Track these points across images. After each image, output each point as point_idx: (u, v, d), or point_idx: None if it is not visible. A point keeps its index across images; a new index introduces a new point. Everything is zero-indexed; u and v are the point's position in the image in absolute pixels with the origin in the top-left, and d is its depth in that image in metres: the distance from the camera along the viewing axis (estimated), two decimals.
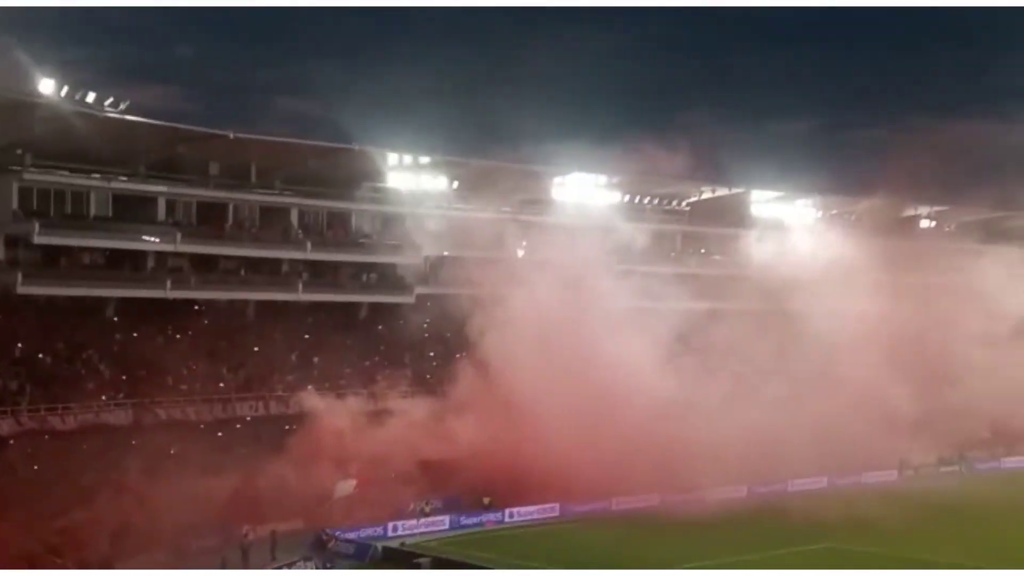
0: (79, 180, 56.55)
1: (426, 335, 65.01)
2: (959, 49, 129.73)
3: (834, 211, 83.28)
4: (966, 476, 68.92)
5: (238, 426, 54.49)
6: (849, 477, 61.96)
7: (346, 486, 49.15)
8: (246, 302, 61.41)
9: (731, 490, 55.20)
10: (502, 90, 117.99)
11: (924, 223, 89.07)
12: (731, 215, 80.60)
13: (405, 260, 65.90)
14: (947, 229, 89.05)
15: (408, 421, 54.20)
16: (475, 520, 51.73)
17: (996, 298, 67.74)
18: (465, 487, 52.46)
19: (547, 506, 53.44)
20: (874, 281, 64.89)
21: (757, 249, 73.45)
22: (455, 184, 68.57)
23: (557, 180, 71.15)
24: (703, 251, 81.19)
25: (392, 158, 65.26)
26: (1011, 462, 73.44)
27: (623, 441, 49.92)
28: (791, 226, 78.78)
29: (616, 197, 73.95)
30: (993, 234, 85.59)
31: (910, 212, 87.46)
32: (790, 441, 54.71)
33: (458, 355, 59.54)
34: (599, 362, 54.14)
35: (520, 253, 67.37)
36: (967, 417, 64.23)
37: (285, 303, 62.26)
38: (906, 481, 65.34)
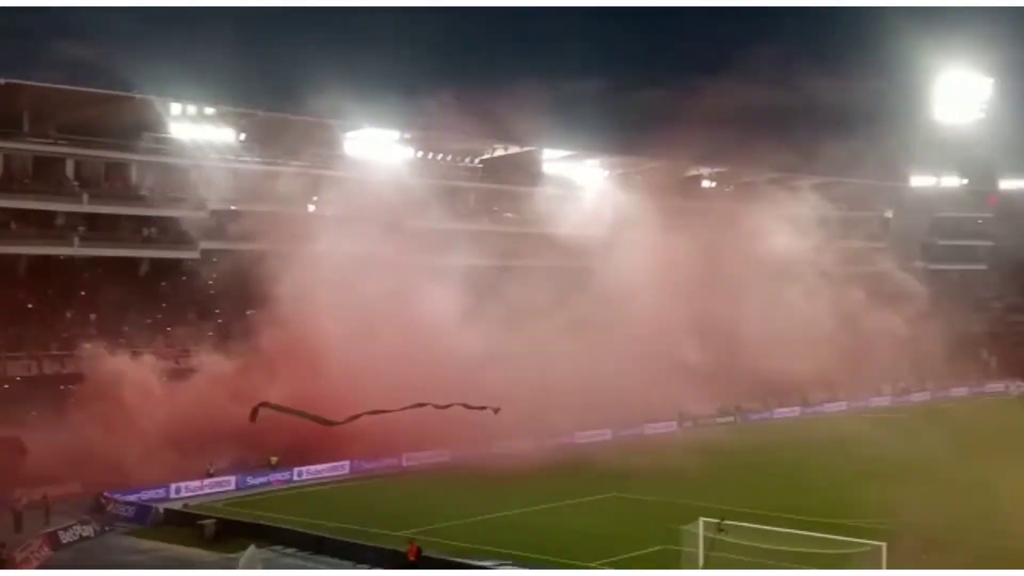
0: None
1: (212, 291, 63.27)
2: (739, 15, 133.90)
3: (620, 171, 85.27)
4: (741, 426, 72.38)
5: (7, 386, 51.83)
6: (632, 429, 63.97)
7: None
8: (18, 256, 58.39)
9: (520, 443, 55.91)
10: (293, 41, 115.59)
11: (706, 183, 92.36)
12: (523, 173, 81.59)
13: (189, 214, 63.88)
14: (728, 189, 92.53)
15: (193, 379, 52.65)
16: (262, 480, 50.84)
17: (774, 256, 70.81)
18: (254, 446, 51.32)
19: (337, 464, 53.01)
20: (659, 240, 66.76)
21: (548, 207, 74.54)
22: (242, 136, 66.76)
23: (349, 135, 70.27)
24: (496, 208, 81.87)
25: (175, 107, 62.99)
26: (781, 413, 77.64)
27: (417, 397, 49.77)
28: (580, 184, 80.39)
29: (409, 153, 73.62)
30: (771, 195, 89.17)
31: (692, 172, 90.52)
32: (579, 394, 55.82)
33: (247, 312, 58.21)
34: (393, 319, 53.87)
35: (311, 208, 66.33)
36: (743, 371, 67.05)
37: (60, 258, 59.48)
38: (685, 432, 68.04)
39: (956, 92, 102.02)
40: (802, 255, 69.74)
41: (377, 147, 70.55)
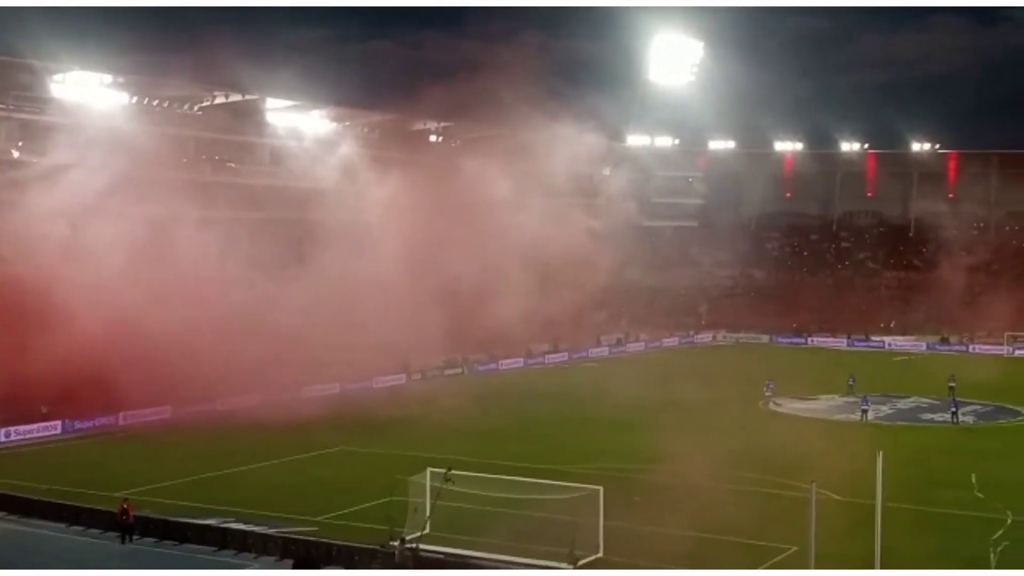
0: None
1: None
2: None
3: (347, 123, 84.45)
4: (468, 377, 73.69)
5: None
6: (361, 382, 63.83)
7: None
8: None
9: (245, 399, 54.82)
10: None
11: (433, 138, 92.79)
12: (245, 123, 79.37)
13: None
14: (454, 144, 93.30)
15: None
16: None
17: (499, 212, 71.72)
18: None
19: (48, 424, 50.35)
20: (388, 193, 66.63)
21: (273, 158, 73.06)
22: None
23: (57, 77, 66.11)
24: (218, 158, 79.45)
25: None
26: (507, 364, 79.50)
27: (138, 351, 47.80)
28: (306, 135, 79.05)
29: (123, 98, 70.06)
30: (496, 151, 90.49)
31: (419, 126, 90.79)
32: (306, 348, 55.13)
33: None
34: (107, 272, 51.43)
35: (16, 154, 62.27)
36: (470, 323, 67.92)
37: None
38: (414, 384, 68.61)
39: (669, 55, 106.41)
40: (521, 209, 71.07)
41: (88, 91, 66.70)
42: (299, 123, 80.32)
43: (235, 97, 78.14)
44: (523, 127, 72.77)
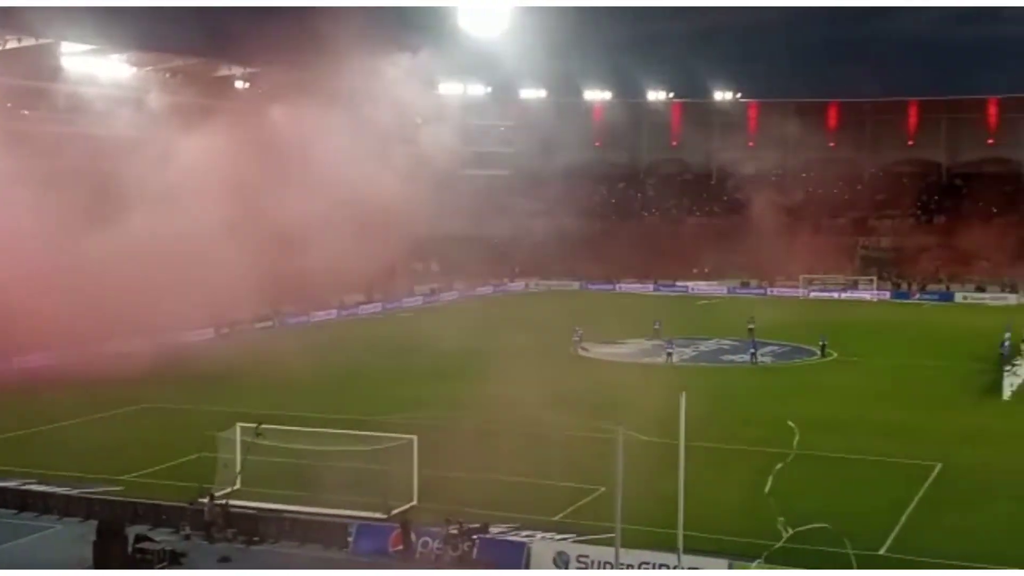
0: None
1: None
2: None
3: (149, 67, 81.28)
4: (279, 330, 72.61)
5: None
6: (167, 336, 61.87)
7: None
8: None
9: (44, 356, 52.62)
10: None
11: (239, 84, 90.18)
12: (40, 67, 75.42)
13: None
14: (261, 90, 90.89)
15: None
16: None
17: (311, 160, 70.26)
18: None
19: None
20: (195, 140, 64.43)
21: (69, 104, 69.74)
22: None
23: None
24: (10, 105, 75.48)
25: None
26: (319, 316, 78.65)
27: None
28: (105, 81, 75.74)
29: None
30: (306, 98, 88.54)
31: (224, 72, 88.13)
32: (111, 302, 53.03)
33: None
34: None
35: None
36: (283, 274, 66.60)
37: None
38: (223, 338, 67.18)
39: (480, 2, 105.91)
40: (333, 157, 69.94)
41: None
42: (97, 68, 76.79)
43: (28, 41, 74.03)
44: (333, 74, 71.38)
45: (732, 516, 30.41)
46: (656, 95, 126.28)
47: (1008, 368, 51.65)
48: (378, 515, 30.04)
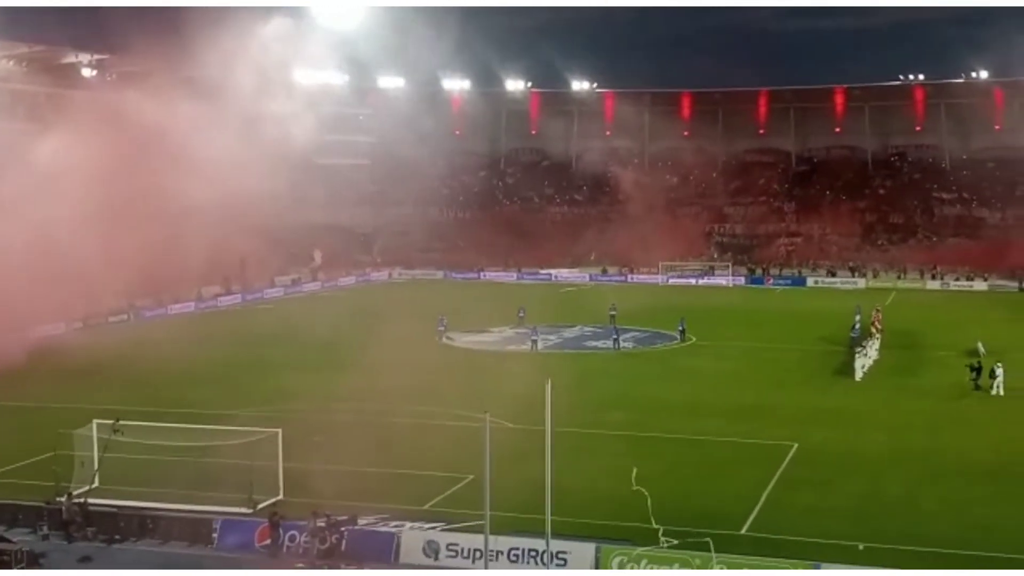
0: None
1: None
2: None
3: None
4: (135, 324, 70.65)
5: None
6: (14, 332, 59.40)
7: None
8: None
9: None
10: None
11: (86, 71, 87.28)
12: None
13: None
14: (110, 78, 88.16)
15: None
16: None
17: (166, 150, 68.36)
18: None
19: None
20: (44, 130, 62.08)
21: None
22: None
23: None
24: None
25: None
26: (176, 309, 76.87)
27: None
28: None
29: None
30: (158, 86, 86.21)
31: (70, 59, 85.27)
32: None
33: None
34: None
35: None
36: (139, 266, 64.68)
37: None
38: (75, 333, 64.98)
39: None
40: (188, 147, 68.22)
41: None
42: None
43: None
44: (185, 61, 69.57)
45: (599, 500, 30.84)
46: (515, 84, 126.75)
47: (859, 349, 53.50)
48: (243, 510, 29.53)
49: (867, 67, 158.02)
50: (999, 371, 46.79)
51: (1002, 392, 46.31)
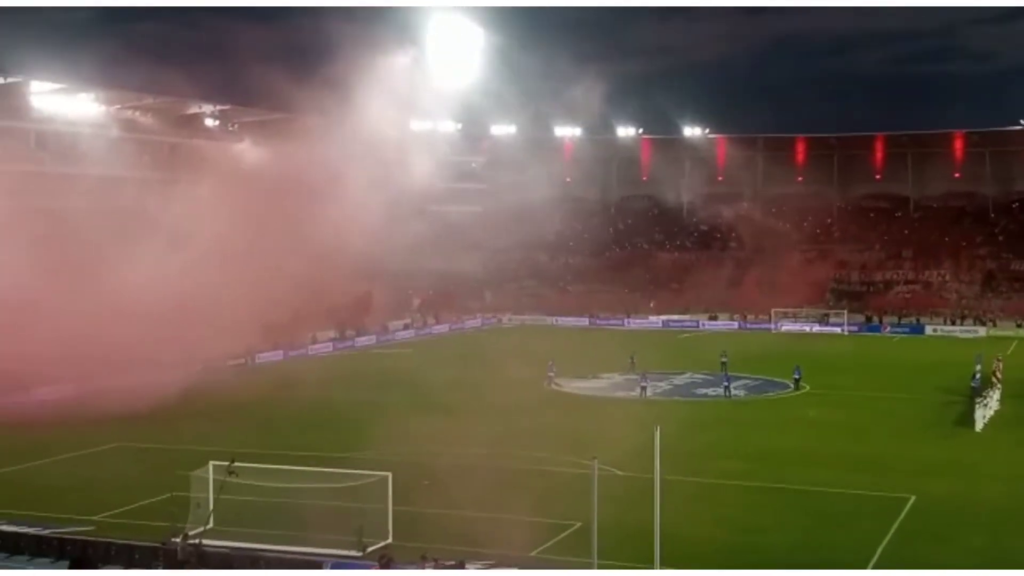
0: None
1: None
2: None
3: (118, 106, 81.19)
4: (252, 367, 72.15)
5: None
6: (138, 375, 61.20)
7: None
8: None
9: (13, 397, 52.04)
10: None
11: (209, 121, 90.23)
12: (8, 108, 75.18)
13: None
14: (232, 128, 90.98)
15: None
16: None
17: (288, 199, 69.94)
18: None
19: None
20: (174, 180, 64.19)
21: (39, 143, 69.43)
22: None
23: None
24: None
25: None
26: (293, 353, 78.15)
27: None
28: (75, 120, 75.59)
29: None
30: (275, 134, 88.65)
31: (194, 109, 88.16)
32: (91, 341, 52.25)
33: None
34: None
35: None
36: (260, 312, 65.70)
37: None
38: (195, 376, 66.48)
39: (450, 41, 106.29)
40: (310, 195, 69.80)
41: None
42: (66, 106, 76.70)
43: None
44: (303, 111, 71.38)
45: (709, 550, 30.38)
46: (625, 131, 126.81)
47: (979, 399, 51.96)
48: (353, 553, 29.83)
49: (987, 111, 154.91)
50: None
51: None
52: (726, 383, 60.72)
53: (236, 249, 59.66)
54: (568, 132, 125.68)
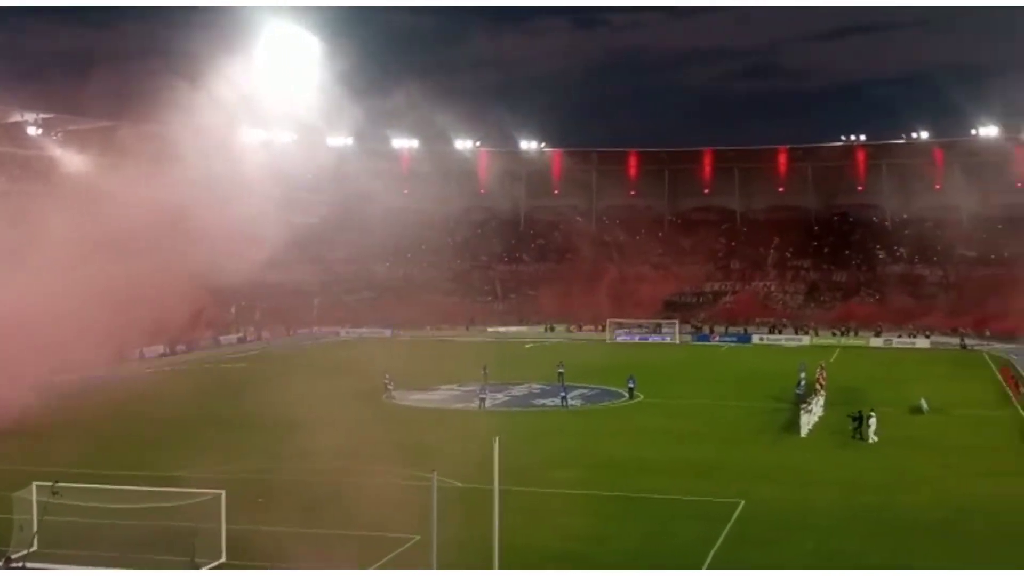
0: None
1: None
2: None
3: None
4: (85, 382, 69.36)
5: None
6: None
7: None
8: None
9: None
10: None
11: (31, 130, 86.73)
12: None
13: None
14: (55, 137, 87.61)
15: None
16: None
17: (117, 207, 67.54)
18: None
19: None
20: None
21: None
22: None
23: None
24: None
25: None
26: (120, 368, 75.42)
27: None
28: None
29: None
30: (101, 143, 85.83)
31: (15, 118, 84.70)
32: None
33: None
34: None
35: None
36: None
37: None
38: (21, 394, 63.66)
39: (282, 48, 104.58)
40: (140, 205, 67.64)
41: None
42: None
43: None
44: (131, 119, 69.21)
45: (547, 559, 30.57)
46: (463, 143, 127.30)
47: (804, 406, 53.90)
48: (186, 573, 28.96)
49: (810, 128, 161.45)
50: (872, 420, 49.49)
51: (877, 439, 48.76)
52: (563, 393, 61.42)
53: (61, 263, 57.34)
54: (406, 144, 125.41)
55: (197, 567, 29.21)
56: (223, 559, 29.95)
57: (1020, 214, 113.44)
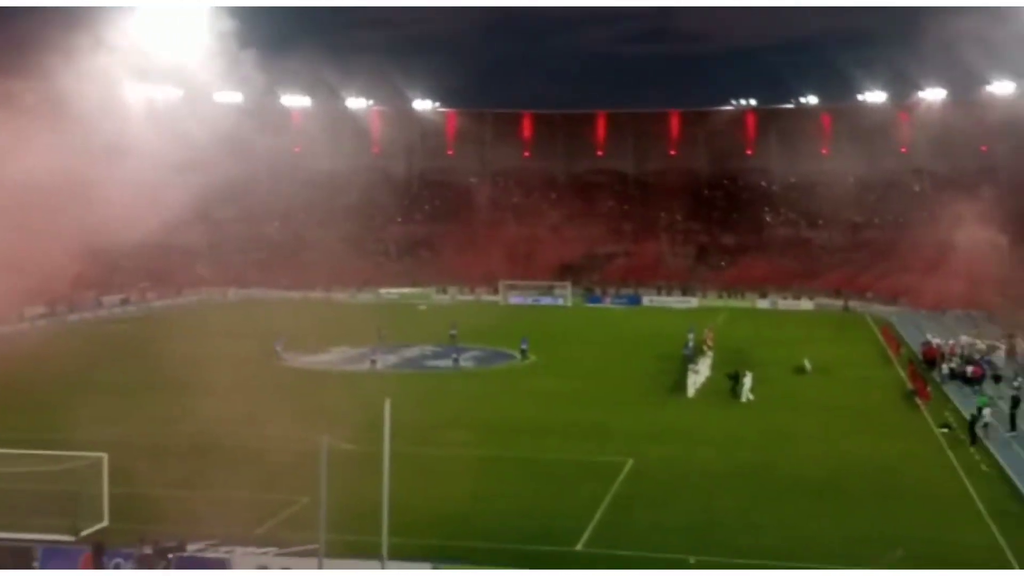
0: None
1: None
2: None
3: None
4: None
5: None
6: None
7: None
8: None
9: None
10: None
11: None
12: None
13: None
14: None
15: None
16: None
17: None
18: None
19: None
20: None
21: None
22: None
23: None
24: None
25: None
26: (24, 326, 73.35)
27: None
28: None
29: None
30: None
31: None
32: None
33: None
34: None
35: None
36: None
37: None
38: None
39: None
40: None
41: None
42: None
43: None
44: (10, 74, 66.81)
45: (437, 520, 30.63)
46: (356, 102, 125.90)
47: (691, 367, 54.79)
48: (66, 537, 28.27)
49: (702, 92, 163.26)
50: (747, 379, 51.04)
51: (752, 398, 50.15)
52: (455, 355, 61.46)
53: None
54: (296, 102, 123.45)
55: (78, 531, 28.53)
56: (105, 522, 29.31)
57: (904, 179, 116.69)
